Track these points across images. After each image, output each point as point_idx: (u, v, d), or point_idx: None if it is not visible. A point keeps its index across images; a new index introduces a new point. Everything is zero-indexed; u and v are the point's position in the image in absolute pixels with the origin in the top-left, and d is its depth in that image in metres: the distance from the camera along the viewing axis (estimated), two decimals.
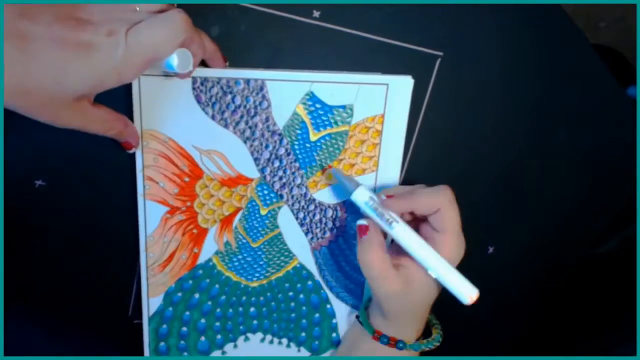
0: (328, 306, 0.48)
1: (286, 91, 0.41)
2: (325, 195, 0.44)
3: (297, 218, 0.45)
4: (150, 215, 0.42)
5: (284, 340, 0.48)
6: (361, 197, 0.39)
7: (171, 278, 0.44)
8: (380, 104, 0.42)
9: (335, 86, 0.41)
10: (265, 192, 0.43)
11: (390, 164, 0.44)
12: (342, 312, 0.48)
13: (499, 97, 0.45)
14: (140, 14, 0.31)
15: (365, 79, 0.41)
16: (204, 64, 0.39)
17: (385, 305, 0.39)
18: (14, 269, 0.43)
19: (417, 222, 0.41)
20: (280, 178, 0.43)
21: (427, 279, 0.39)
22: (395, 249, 0.41)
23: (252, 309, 0.47)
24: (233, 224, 0.44)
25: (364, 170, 0.44)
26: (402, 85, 0.42)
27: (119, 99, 0.38)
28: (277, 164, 0.43)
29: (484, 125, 0.46)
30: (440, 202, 0.38)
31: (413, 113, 0.44)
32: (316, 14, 0.40)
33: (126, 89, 0.38)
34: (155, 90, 0.38)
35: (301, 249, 0.46)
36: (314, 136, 0.42)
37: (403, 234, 0.38)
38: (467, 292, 0.38)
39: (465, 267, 0.42)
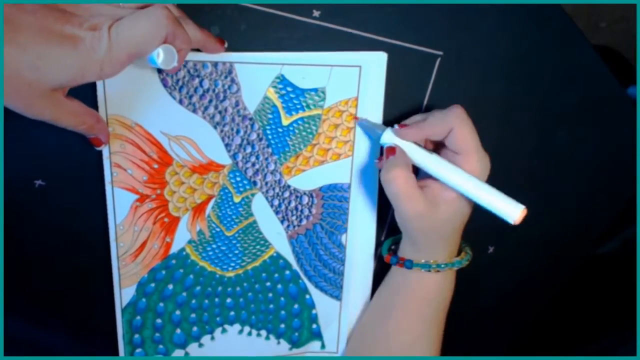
0: (307, 296, 0.47)
1: (256, 74, 0.40)
2: (300, 182, 0.43)
3: (271, 205, 0.44)
4: (119, 203, 0.41)
5: (263, 332, 0.47)
6: (389, 136, 0.39)
7: (143, 268, 0.43)
8: (354, 87, 0.41)
9: (306, 69, 0.40)
10: (238, 179, 0.42)
11: (366, 148, 0.43)
12: (321, 303, 0.47)
13: (499, 96, 0.45)
14: (124, 10, 0.32)
15: (337, 59, 0.40)
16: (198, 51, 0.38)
17: (410, 227, 0.39)
18: (14, 269, 0.43)
19: (438, 149, 0.40)
20: (253, 164, 0.42)
21: (453, 199, 0.38)
22: (422, 175, 0.40)
23: (228, 300, 0.45)
24: (206, 212, 0.43)
25: (339, 155, 0.43)
26: (376, 64, 0.41)
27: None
28: (249, 149, 0.42)
29: (484, 125, 0.46)
30: (451, 122, 0.37)
31: (413, 113, 0.44)
32: (316, 13, 0.40)
33: None
34: (119, 73, 0.37)
35: (277, 237, 0.45)
36: (286, 120, 0.41)
37: (434, 164, 0.38)
38: (511, 210, 0.36)
39: (465, 267, 0.41)
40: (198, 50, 0.38)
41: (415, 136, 0.38)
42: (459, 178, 0.37)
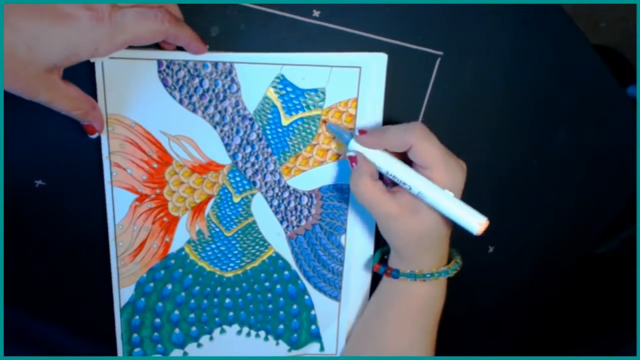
0: (306, 297, 0.47)
1: (256, 74, 0.40)
2: (299, 182, 0.43)
3: (271, 206, 0.44)
4: (119, 203, 0.41)
5: (262, 333, 0.47)
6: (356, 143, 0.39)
7: (142, 268, 0.43)
8: (353, 87, 0.41)
9: (306, 69, 0.40)
10: (238, 179, 0.42)
11: None
12: (320, 303, 0.47)
13: (499, 97, 0.45)
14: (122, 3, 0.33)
15: (337, 60, 0.40)
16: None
17: (387, 231, 0.39)
18: (14, 269, 0.43)
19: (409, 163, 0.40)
20: (253, 164, 0.42)
21: (428, 208, 0.37)
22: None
23: (227, 300, 0.45)
24: (205, 212, 0.43)
25: (338, 155, 0.43)
26: (376, 66, 0.40)
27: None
28: (248, 149, 0.42)
29: (484, 125, 0.46)
30: (409, 139, 0.36)
31: (413, 113, 0.44)
32: (316, 13, 0.40)
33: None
34: (119, 73, 0.38)
35: (276, 237, 0.45)
36: (285, 121, 0.41)
37: (398, 170, 0.38)
38: (473, 221, 0.36)
39: (465, 267, 0.42)
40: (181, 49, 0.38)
41: (373, 144, 0.38)
42: (422, 184, 0.37)
